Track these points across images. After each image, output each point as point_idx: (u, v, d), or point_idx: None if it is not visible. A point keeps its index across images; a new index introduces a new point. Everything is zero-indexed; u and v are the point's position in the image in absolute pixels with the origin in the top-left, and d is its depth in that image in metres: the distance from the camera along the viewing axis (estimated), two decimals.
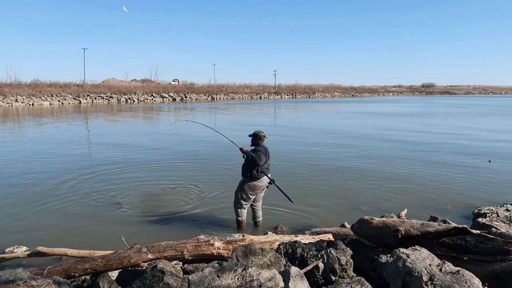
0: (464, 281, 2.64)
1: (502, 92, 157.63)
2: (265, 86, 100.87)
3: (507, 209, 6.29)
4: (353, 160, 11.48)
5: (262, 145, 5.80)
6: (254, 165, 5.59)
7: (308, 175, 9.54)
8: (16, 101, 47.67)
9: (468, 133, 18.96)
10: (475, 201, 7.26)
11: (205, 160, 11.45)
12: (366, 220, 3.66)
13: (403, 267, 2.89)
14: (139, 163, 11.11)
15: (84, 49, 71.63)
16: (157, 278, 3.00)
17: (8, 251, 5.02)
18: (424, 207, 6.92)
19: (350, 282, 2.90)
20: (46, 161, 11.43)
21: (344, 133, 19.16)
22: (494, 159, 11.61)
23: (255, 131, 5.86)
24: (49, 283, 2.85)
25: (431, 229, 3.41)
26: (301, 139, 16.64)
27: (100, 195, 7.76)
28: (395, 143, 15.15)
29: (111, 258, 3.67)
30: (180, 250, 3.84)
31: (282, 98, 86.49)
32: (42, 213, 6.72)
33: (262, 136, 5.81)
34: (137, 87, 73.59)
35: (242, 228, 5.87)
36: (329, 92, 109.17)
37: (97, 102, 57.80)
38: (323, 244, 3.68)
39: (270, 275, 2.70)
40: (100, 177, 9.27)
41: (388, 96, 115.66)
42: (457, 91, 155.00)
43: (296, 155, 12.39)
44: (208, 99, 74.71)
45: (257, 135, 5.81)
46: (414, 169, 10.21)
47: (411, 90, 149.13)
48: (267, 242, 4.24)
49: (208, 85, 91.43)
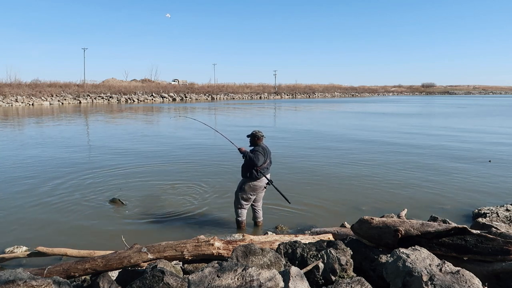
0: (464, 281, 2.64)
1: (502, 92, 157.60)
2: (265, 86, 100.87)
3: (507, 209, 6.29)
4: (353, 160, 11.49)
5: (261, 145, 5.78)
6: (252, 166, 5.60)
7: (308, 175, 9.54)
8: (16, 101, 47.68)
9: (468, 133, 18.95)
10: (475, 201, 7.26)
11: (206, 160, 11.45)
12: (366, 220, 3.66)
13: (403, 267, 2.89)
14: (139, 163, 11.12)
15: (84, 49, 71.82)
16: (157, 278, 3.00)
17: (8, 251, 5.02)
18: (424, 207, 6.92)
19: (350, 282, 2.90)
20: (46, 161, 11.43)
21: (344, 133, 19.15)
22: (494, 159, 11.61)
23: (253, 131, 5.85)
24: (49, 283, 2.85)
25: (431, 229, 3.41)
26: (301, 139, 16.64)
27: (100, 195, 7.76)
28: (395, 143, 15.15)
29: (111, 258, 3.67)
30: (180, 250, 3.84)
31: (282, 98, 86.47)
32: (42, 213, 6.72)
33: (260, 136, 5.80)
34: (137, 87, 73.59)
35: (242, 228, 5.86)
36: (329, 92, 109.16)
37: (97, 102, 57.80)
38: (323, 244, 3.68)
39: (270, 275, 2.70)
40: (100, 177, 9.27)
41: (388, 96, 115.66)
42: (457, 91, 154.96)
43: (296, 155, 12.39)
44: (208, 99, 74.71)
45: (255, 135, 5.79)
46: (414, 169, 10.22)
47: (411, 90, 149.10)
48: (267, 242, 4.24)
49: (208, 85, 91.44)
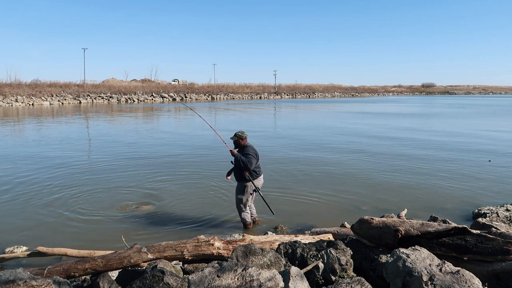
0: (464, 281, 2.64)
1: (502, 92, 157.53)
2: (265, 86, 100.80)
3: (507, 209, 6.30)
4: (353, 160, 11.49)
5: (250, 145, 5.83)
6: (245, 169, 5.63)
7: (308, 175, 9.54)
8: (16, 101, 47.66)
9: (468, 133, 18.95)
10: (475, 201, 7.25)
11: (206, 160, 11.45)
12: (366, 220, 3.66)
13: (403, 267, 2.89)
14: (139, 163, 11.12)
15: (84, 49, 71.76)
16: (157, 278, 3.00)
17: (8, 251, 5.02)
18: (424, 207, 6.92)
19: (350, 282, 2.90)
20: (46, 161, 11.42)
21: (344, 133, 19.14)
22: (494, 159, 11.61)
23: (236, 133, 5.85)
24: (49, 283, 2.85)
25: (431, 229, 3.41)
26: (302, 140, 16.63)
27: (100, 195, 7.76)
28: (394, 144, 15.15)
29: (111, 258, 3.67)
30: (180, 250, 3.84)
31: (282, 98, 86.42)
32: (42, 213, 6.72)
33: (245, 137, 5.83)
34: (137, 87, 73.56)
35: (249, 229, 5.89)
36: (329, 92, 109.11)
37: (97, 102, 57.77)
38: (323, 244, 3.68)
39: (270, 275, 2.70)
40: (100, 177, 9.27)
41: (388, 96, 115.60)
42: (457, 91, 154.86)
43: (296, 155, 12.39)
44: (208, 99, 74.68)
45: (240, 137, 5.82)
46: (414, 169, 10.21)
47: (411, 90, 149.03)
48: (267, 242, 4.24)
49: (208, 85, 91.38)
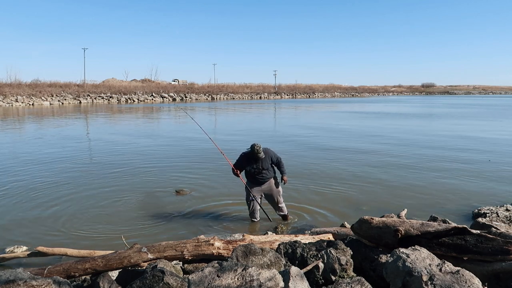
0: (464, 281, 2.64)
1: (502, 92, 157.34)
2: (265, 86, 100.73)
3: (507, 209, 6.30)
4: (353, 160, 11.49)
5: (264, 150, 5.99)
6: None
7: (308, 175, 9.54)
8: (16, 101, 47.67)
9: (468, 133, 18.95)
10: (475, 201, 7.25)
11: (206, 161, 11.44)
12: (366, 220, 3.66)
13: (403, 267, 2.89)
14: (139, 163, 11.12)
15: (84, 49, 71.69)
16: (157, 278, 3.00)
17: (8, 251, 5.02)
18: (424, 207, 6.92)
19: (350, 282, 2.90)
20: (46, 161, 11.43)
21: (344, 133, 19.15)
22: (493, 159, 11.61)
23: (261, 149, 5.89)
24: (49, 283, 2.85)
25: (431, 229, 3.41)
26: (302, 140, 16.63)
27: (99, 195, 7.76)
28: (394, 144, 15.15)
29: (111, 258, 3.67)
30: (180, 250, 3.84)
31: (282, 98, 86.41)
32: (42, 213, 6.72)
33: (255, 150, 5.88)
34: (137, 87, 73.53)
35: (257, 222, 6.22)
36: (329, 92, 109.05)
37: (97, 102, 57.77)
38: (323, 244, 3.68)
39: (270, 275, 2.70)
40: (100, 177, 9.28)
41: (388, 96, 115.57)
42: (457, 91, 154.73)
43: (296, 155, 12.38)
44: (208, 99, 74.67)
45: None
46: (414, 169, 10.21)
47: (411, 90, 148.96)
48: (267, 242, 4.24)
49: (208, 85, 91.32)
